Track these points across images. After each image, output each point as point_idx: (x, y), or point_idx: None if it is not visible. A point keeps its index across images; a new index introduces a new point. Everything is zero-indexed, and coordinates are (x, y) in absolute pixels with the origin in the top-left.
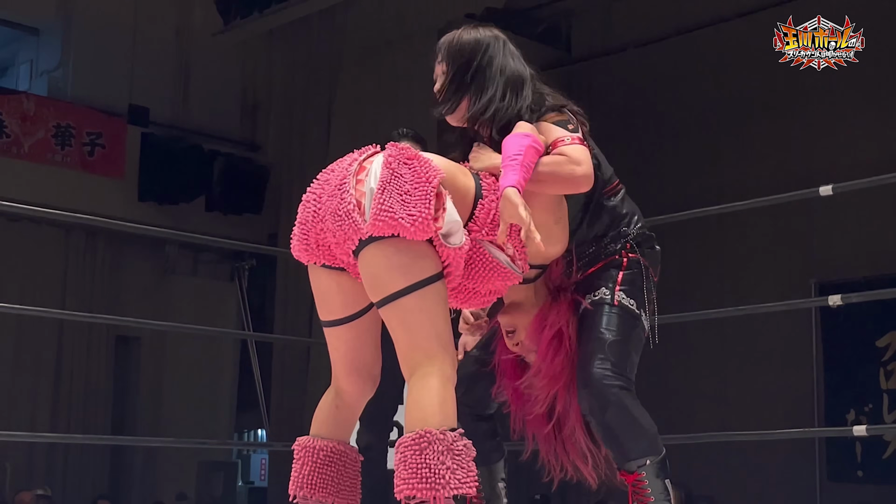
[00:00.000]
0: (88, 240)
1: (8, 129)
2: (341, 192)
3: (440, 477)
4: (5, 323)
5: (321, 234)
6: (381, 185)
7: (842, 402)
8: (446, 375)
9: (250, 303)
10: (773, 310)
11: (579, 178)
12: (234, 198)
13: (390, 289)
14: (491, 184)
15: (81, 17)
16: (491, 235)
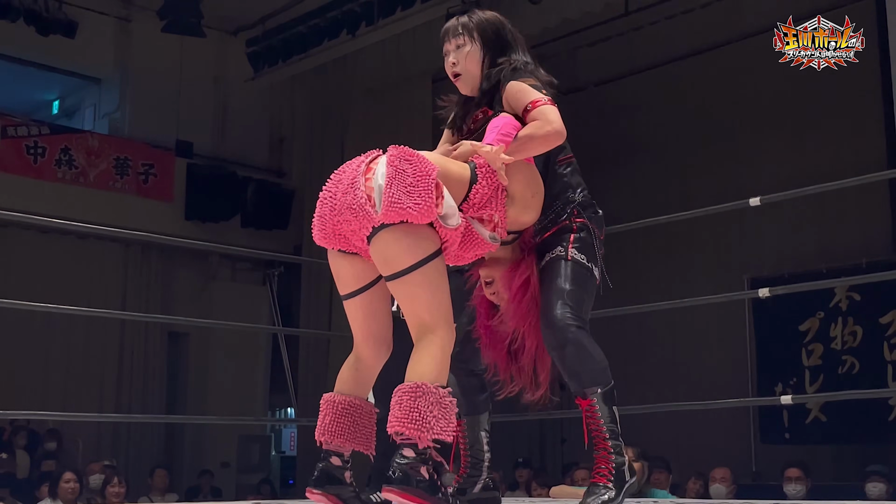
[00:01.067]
0: (144, 253)
1: (76, 162)
2: (353, 189)
3: (427, 422)
4: (76, 323)
5: (338, 224)
6: (388, 181)
7: (771, 377)
8: (444, 342)
9: (280, 303)
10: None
11: (553, 135)
12: (264, 216)
13: (400, 266)
14: (485, 171)
15: (135, 69)
16: (480, 213)
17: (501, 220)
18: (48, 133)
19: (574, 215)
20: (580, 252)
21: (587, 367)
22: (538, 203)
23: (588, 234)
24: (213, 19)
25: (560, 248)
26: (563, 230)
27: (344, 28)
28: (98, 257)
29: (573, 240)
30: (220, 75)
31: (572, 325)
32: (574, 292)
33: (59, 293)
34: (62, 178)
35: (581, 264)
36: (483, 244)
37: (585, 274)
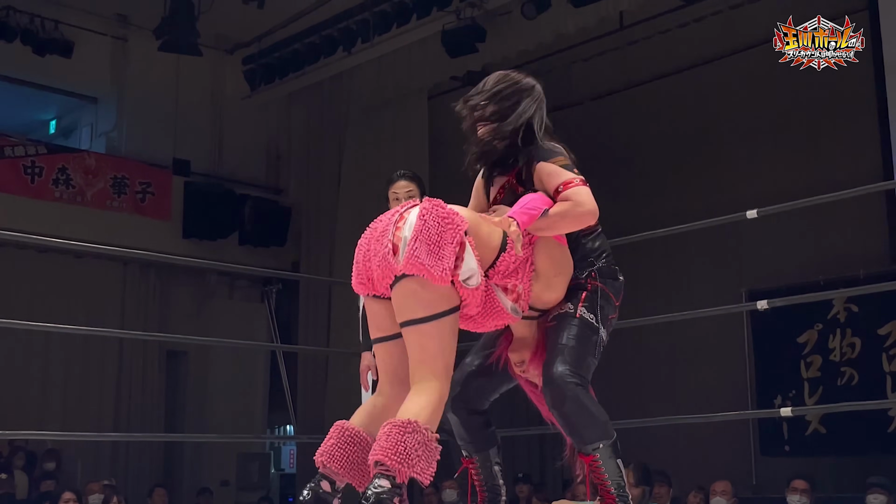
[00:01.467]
0: (142, 271)
1: (74, 182)
2: (383, 237)
3: (410, 459)
4: (75, 342)
5: (369, 271)
6: (413, 234)
7: (770, 390)
8: (442, 393)
9: (278, 320)
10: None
11: (586, 215)
12: (261, 233)
13: (413, 315)
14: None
15: (132, 87)
16: (505, 281)
17: (525, 293)
18: (45, 153)
19: (591, 277)
20: (589, 311)
21: (587, 424)
22: (563, 283)
23: (603, 296)
24: (210, 38)
25: (570, 305)
26: (577, 288)
27: (340, 45)
28: (96, 276)
29: (584, 298)
30: (217, 93)
31: (571, 382)
32: (575, 349)
33: (58, 312)
34: (60, 198)
35: (588, 323)
36: (504, 314)
37: (591, 333)
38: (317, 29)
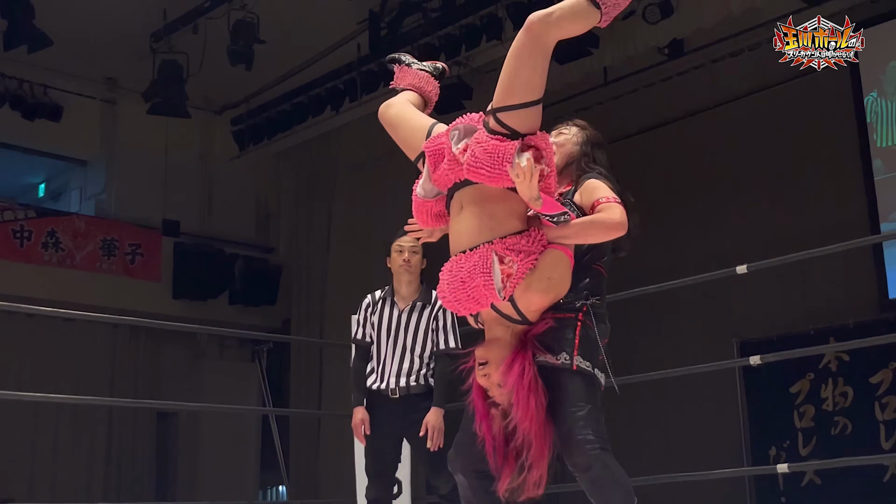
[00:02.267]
0: (132, 334)
1: (63, 245)
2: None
3: None
4: (64, 407)
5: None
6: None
7: (765, 440)
8: None
9: (269, 380)
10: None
11: (614, 226)
12: (252, 292)
13: None
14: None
15: (121, 150)
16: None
17: (517, 277)
18: (34, 216)
19: (582, 312)
20: (585, 358)
21: (613, 489)
22: (553, 292)
23: (593, 337)
24: (198, 99)
25: (566, 356)
26: (567, 324)
27: (328, 105)
28: (86, 339)
29: (578, 344)
30: (206, 154)
31: (596, 447)
32: (590, 412)
33: (48, 377)
34: (49, 261)
35: (587, 374)
36: (489, 287)
37: (594, 386)
38: (304, 89)
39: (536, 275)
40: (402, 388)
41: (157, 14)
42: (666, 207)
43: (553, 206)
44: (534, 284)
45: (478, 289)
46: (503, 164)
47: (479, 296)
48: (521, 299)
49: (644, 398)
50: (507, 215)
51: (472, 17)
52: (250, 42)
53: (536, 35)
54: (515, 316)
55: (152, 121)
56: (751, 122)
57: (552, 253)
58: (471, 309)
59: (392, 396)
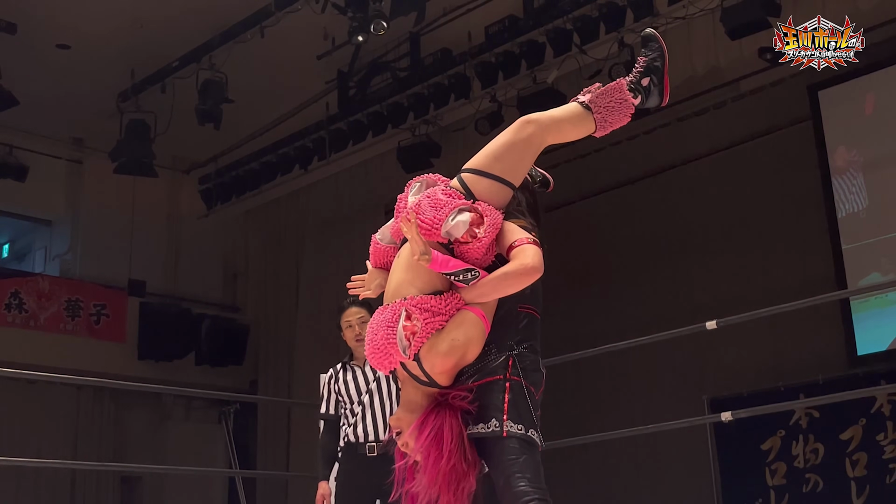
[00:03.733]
0: (96, 395)
1: (26, 306)
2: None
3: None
4: (27, 473)
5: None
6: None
7: (736, 498)
8: None
9: (236, 441)
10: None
11: (529, 271)
12: (219, 352)
13: None
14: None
15: (87, 209)
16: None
17: (420, 335)
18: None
19: (509, 369)
20: (516, 423)
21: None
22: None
23: (523, 395)
24: (166, 158)
25: (495, 422)
26: (494, 388)
27: (296, 163)
28: (49, 401)
29: (507, 407)
30: (173, 213)
31: (534, 497)
32: (526, 462)
33: (9, 440)
34: (11, 323)
35: (521, 437)
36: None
37: (528, 445)
38: (273, 148)
39: (441, 336)
40: (380, 445)
41: (124, 73)
42: (634, 265)
43: (455, 264)
44: (437, 346)
45: (383, 344)
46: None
47: (386, 352)
48: (425, 360)
49: (614, 457)
50: (433, 274)
51: (441, 76)
52: (219, 101)
53: (531, 134)
54: (423, 377)
55: (119, 180)
56: (717, 179)
57: (461, 314)
58: (383, 365)
59: (369, 455)
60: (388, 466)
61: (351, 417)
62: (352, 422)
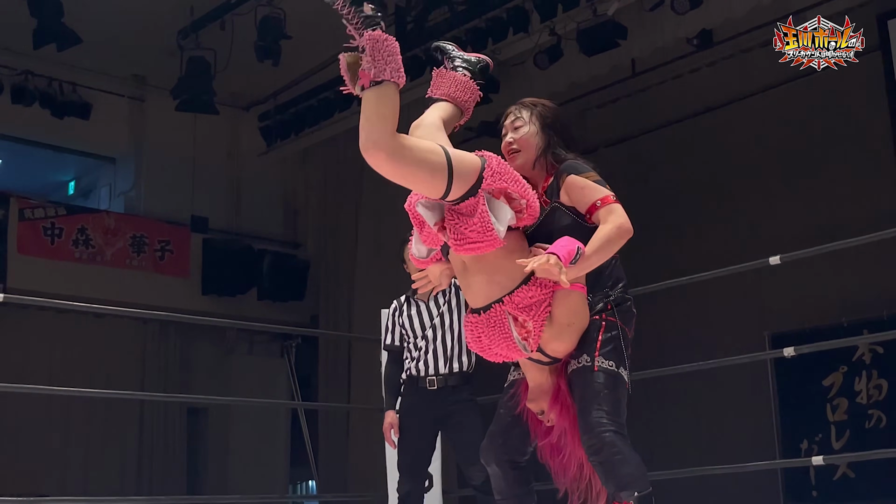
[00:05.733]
0: (162, 330)
1: (93, 242)
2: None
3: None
4: (96, 404)
5: None
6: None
7: (796, 434)
8: None
9: (298, 374)
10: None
11: (627, 234)
12: (280, 288)
13: None
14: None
15: (149, 147)
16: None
17: (536, 331)
18: (65, 214)
19: (607, 310)
20: (607, 358)
21: (623, 472)
22: (574, 334)
23: (617, 335)
24: (226, 96)
25: (587, 357)
26: (591, 327)
27: (354, 100)
28: (116, 336)
29: (600, 344)
30: (234, 150)
31: (609, 429)
32: (609, 395)
33: (79, 373)
34: (80, 259)
35: (610, 372)
36: (513, 347)
37: (615, 381)
38: (331, 84)
39: (556, 326)
40: (441, 379)
41: (184, 11)
42: (695, 199)
43: (569, 249)
44: (557, 335)
45: (503, 352)
46: (492, 233)
47: (508, 355)
48: (547, 347)
49: (674, 393)
50: (510, 266)
51: (499, 9)
52: (277, 38)
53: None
54: (546, 359)
55: (180, 117)
56: (783, 112)
57: (565, 298)
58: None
59: (430, 388)
60: (448, 399)
61: (414, 352)
62: (415, 356)
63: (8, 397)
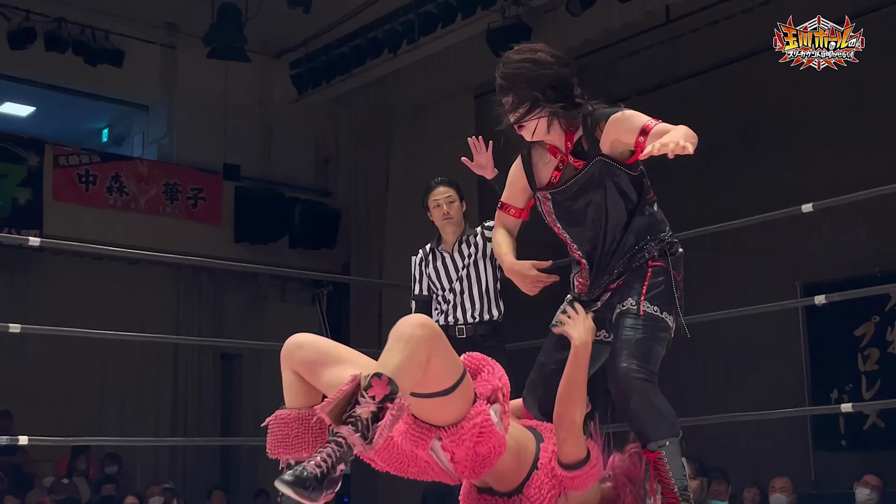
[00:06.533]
0: (195, 276)
1: (127, 189)
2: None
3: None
4: (131, 348)
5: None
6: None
7: (826, 384)
8: None
9: (329, 322)
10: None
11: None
12: (311, 236)
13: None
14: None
15: (182, 95)
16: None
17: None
18: (99, 161)
19: (654, 258)
20: (653, 303)
21: (654, 420)
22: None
23: (665, 279)
24: (257, 43)
25: (631, 301)
26: (638, 274)
27: (386, 47)
28: (150, 282)
29: (646, 289)
30: (265, 98)
31: (638, 376)
32: (642, 342)
33: (114, 319)
34: (113, 205)
35: (653, 317)
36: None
37: (657, 327)
38: (362, 31)
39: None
40: (470, 327)
41: None
42: (728, 147)
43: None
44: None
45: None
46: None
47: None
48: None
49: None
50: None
51: None
52: None
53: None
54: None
55: (212, 65)
56: None
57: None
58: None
59: (459, 336)
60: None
61: (443, 304)
62: (444, 308)
63: (45, 341)
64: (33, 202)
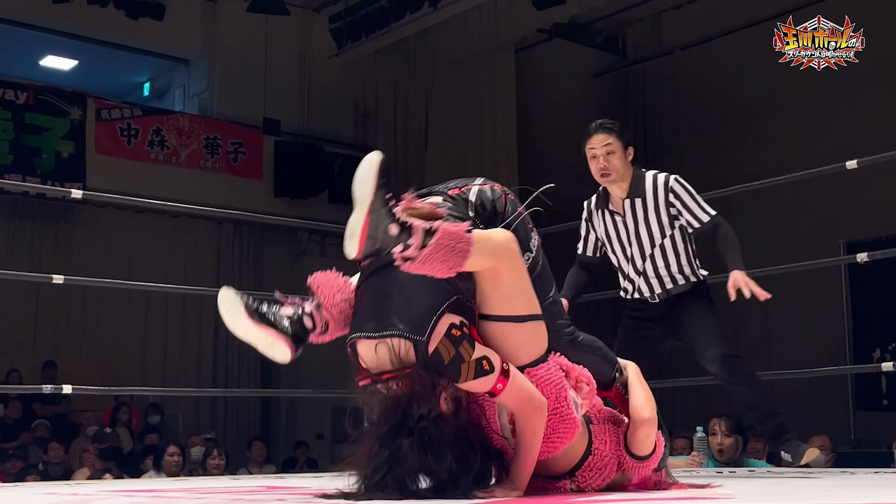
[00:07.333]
0: (236, 230)
1: (168, 143)
2: None
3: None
4: (173, 300)
5: None
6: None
7: (868, 343)
8: None
9: None
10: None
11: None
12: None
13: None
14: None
15: (222, 49)
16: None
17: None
18: (140, 115)
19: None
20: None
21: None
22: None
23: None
24: None
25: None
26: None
27: (426, 1)
28: (192, 235)
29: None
30: (305, 52)
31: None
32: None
33: (156, 272)
34: (155, 159)
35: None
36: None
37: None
38: None
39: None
40: (661, 294)
41: None
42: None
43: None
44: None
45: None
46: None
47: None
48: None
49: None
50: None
51: None
52: None
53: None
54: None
55: (252, 19)
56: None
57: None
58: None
59: (652, 301)
60: None
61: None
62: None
63: (88, 293)
64: (76, 155)
